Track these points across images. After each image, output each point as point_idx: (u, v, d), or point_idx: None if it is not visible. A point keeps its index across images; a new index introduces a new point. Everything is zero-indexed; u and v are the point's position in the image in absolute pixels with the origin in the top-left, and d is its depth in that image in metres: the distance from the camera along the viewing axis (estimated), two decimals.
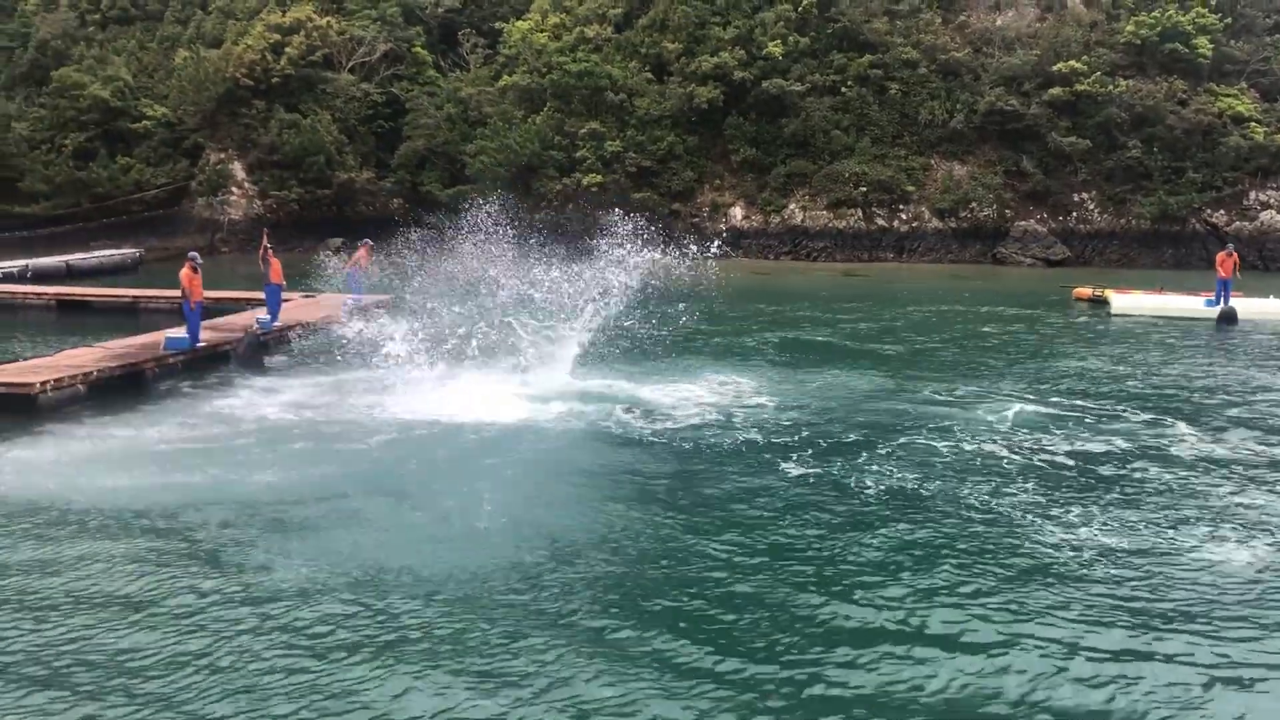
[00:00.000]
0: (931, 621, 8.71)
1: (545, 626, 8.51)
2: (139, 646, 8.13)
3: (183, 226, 47.42)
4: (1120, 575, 9.67)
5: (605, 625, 8.58)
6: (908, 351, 22.34)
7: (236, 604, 8.91)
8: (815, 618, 8.79)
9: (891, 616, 8.81)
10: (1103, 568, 9.83)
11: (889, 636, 8.47)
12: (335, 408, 16.14)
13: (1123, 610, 8.94)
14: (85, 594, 9.11)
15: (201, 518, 11.04)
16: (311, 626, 8.49)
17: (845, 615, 8.83)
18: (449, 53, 52.23)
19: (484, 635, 8.33)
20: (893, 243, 46.03)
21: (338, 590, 9.18)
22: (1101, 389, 18.26)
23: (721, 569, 9.78)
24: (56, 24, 52.02)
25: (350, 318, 19.84)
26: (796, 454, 13.70)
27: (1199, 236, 45.18)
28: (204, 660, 7.91)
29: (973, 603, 9.08)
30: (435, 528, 10.92)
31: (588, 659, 7.98)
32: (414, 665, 7.86)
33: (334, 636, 8.33)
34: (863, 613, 8.88)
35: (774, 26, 47.67)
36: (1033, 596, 9.18)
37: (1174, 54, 46.08)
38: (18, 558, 9.95)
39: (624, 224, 18.55)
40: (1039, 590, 9.32)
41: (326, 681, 7.63)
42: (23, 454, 13.50)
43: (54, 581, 9.39)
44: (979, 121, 46.18)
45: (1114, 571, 9.75)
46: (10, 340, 22.47)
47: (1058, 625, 8.63)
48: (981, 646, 8.30)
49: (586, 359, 18.60)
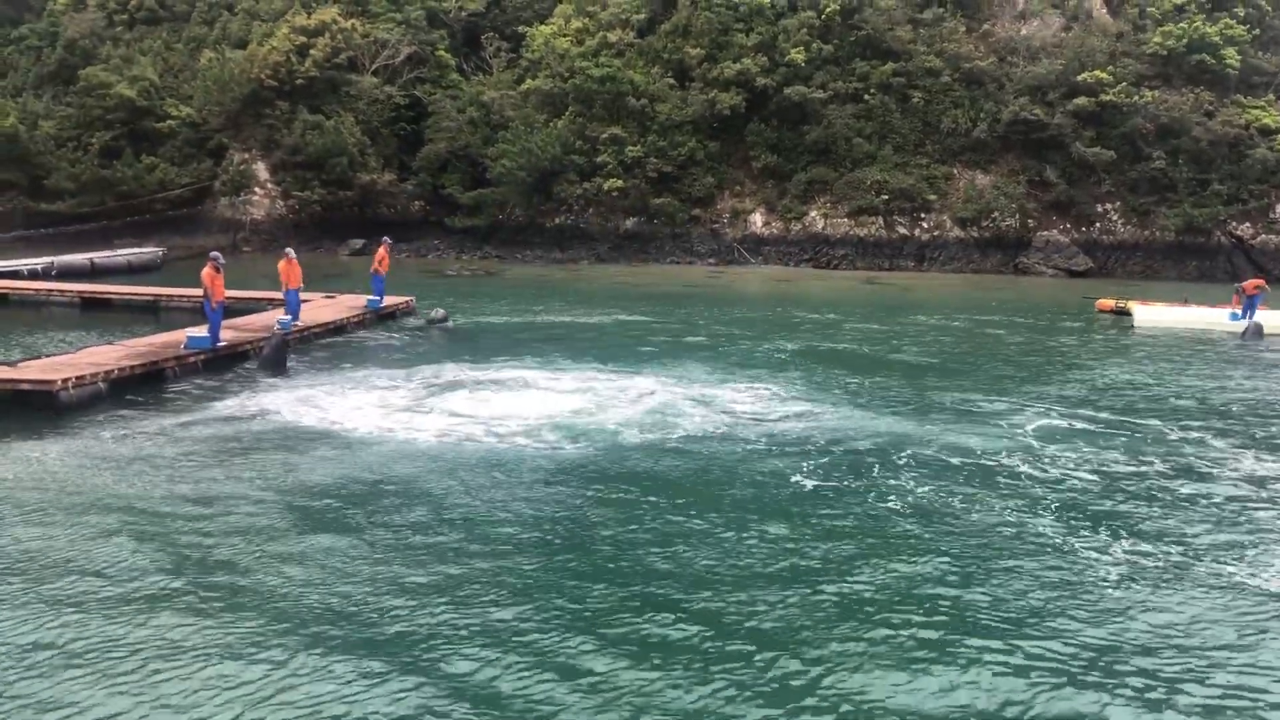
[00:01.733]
0: (949, 636, 8.62)
1: (542, 637, 8.47)
2: (136, 644, 8.14)
3: (205, 226, 47.75)
4: (1149, 598, 9.52)
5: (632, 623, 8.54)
6: (927, 361, 22.23)
7: (234, 606, 8.92)
8: (826, 637, 8.70)
9: (907, 632, 8.72)
10: (1130, 589, 9.70)
11: (904, 651, 8.38)
12: (360, 412, 16.15)
13: (1150, 635, 8.80)
14: (84, 592, 9.13)
15: (210, 521, 11.05)
16: (312, 629, 8.48)
17: (860, 634, 8.74)
18: (472, 56, 52.43)
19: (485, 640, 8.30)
20: (914, 251, 45.87)
21: (350, 595, 9.17)
22: (1125, 402, 18.09)
23: (729, 582, 9.71)
24: (84, 24, 52.49)
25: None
26: (811, 464, 13.61)
27: (1224, 249, 44.86)
28: (194, 662, 7.92)
29: (995, 622, 8.97)
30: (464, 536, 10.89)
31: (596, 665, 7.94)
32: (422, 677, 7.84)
33: (350, 639, 8.32)
34: (877, 630, 8.78)
35: (797, 34, 47.63)
36: (1059, 618, 9.05)
37: (1201, 65, 45.80)
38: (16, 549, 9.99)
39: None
40: (1066, 612, 9.19)
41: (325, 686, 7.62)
42: (37, 451, 13.58)
43: (53, 578, 9.42)
44: (1002, 131, 46.03)
45: (1142, 594, 9.62)
46: (35, 337, 22.63)
47: (1083, 648, 8.52)
48: (1002, 667, 8.20)
49: (597, 361, 18.60)
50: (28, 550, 10.10)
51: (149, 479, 12.34)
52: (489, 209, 47.42)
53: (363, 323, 25.15)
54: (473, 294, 32.86)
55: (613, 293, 34.23)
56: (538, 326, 26.17)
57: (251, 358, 19.92)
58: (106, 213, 46.55)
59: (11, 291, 29.18)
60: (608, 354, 21.60)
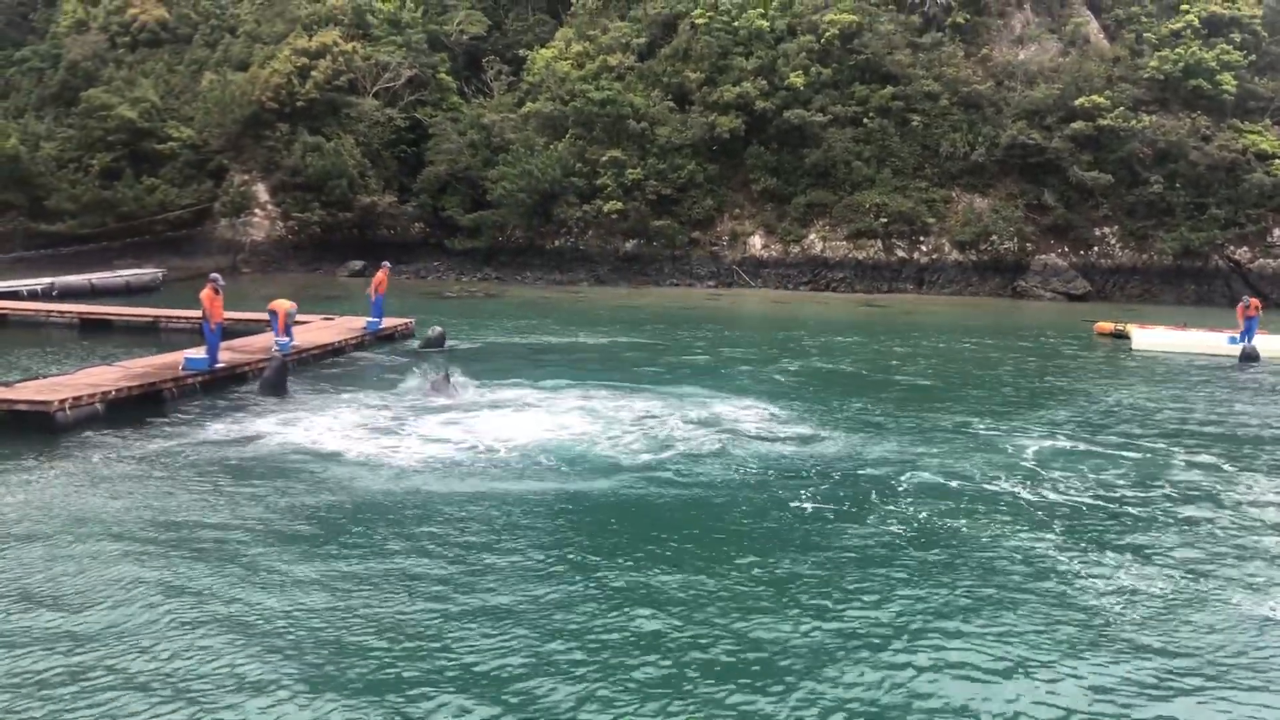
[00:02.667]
0: (950, 659, 8.57)
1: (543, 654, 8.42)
2: (135, 664, 8.10)
3: (205, 247, 47.77)
4: (1147, 622, 9.47)
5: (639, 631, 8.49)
6: (926, 384, 22.22)
7: (228, 627, 8.87)
8: (823, 663, 8.65)
9: (904, 655, 8.67)
10: (1128, 611, 9.65)
11: (903, 675, 8.33)
12: (358, 437, 16.10)
13: (1146, 657, 8.76)
14: (71, 615, 9.08)
15: (199, 546, 11.00)
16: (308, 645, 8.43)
17: (858, 657, 8.69)
18: (473, 79, 52.68)
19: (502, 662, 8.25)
20: (913, 274, 45.94)
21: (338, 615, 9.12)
22: (1124, 425, 18.06)
23: (726, 606, 9.66)
24: (87, 46, 52.72)
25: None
26: (811, 487, 13.57)
27: (1221, 273, 44.95)
28: (187, 677, 7.87)
29: (994, 644, 8.92)
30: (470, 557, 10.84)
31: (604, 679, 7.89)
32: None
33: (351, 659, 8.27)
34: (877, 655, 8.74)
35: (796, 57, 47.88)
36: (1058, 641, 9.01)
37: (1198, 90, 46.02)
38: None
39: None
40: (1065, 636, 9.14)
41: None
42: (30, 474, 13.55)
43: (45, 607, 9.36)
44: (1000, 154, 46.19)
45: (1140, 617, 9.57)
46: (33, 358, 22.60)
47: (1081, 671, 8.47)
48: (1001, 689, 8.15)
49: (597, 383, 18.56)
50: (12, 572, 10.06)
51: (140, 502, 12.30)
52: (489, 231, 47.51)
53: (361, 344, 25.14)
54: (473, 315, 32.87)
55: (612, 314, 34.26)
56: (538, 348, 26.16)
57: (250, 379, 19.88)
58: (107, 234, 46.59)
59: (11, 312, 29.19)
60: (607, 375, 21.58)
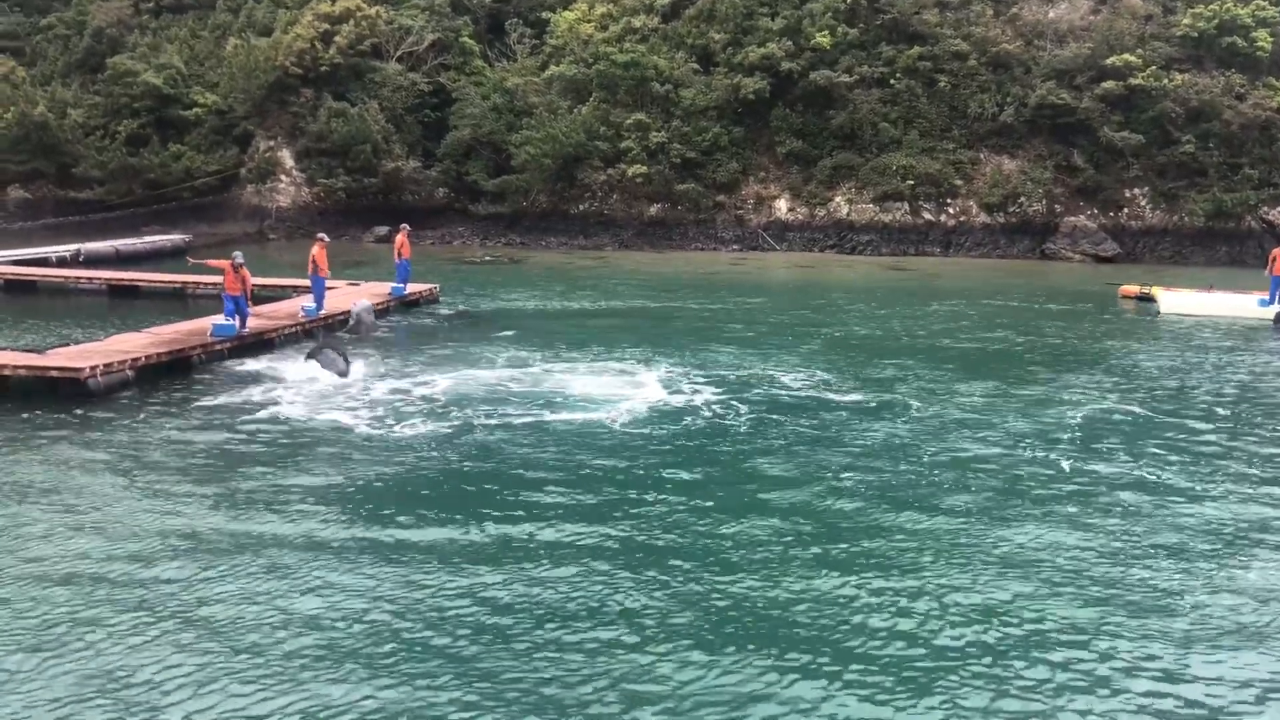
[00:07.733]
0: (981, 631, 8.62)
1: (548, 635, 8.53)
2: (150, 642, 8.26)
3: (231, 213, 48.06)
4: (1191, 596, 9.45)
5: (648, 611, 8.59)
6: (955, 348, 22.09)
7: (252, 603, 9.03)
8: (851, 632, 8.72)
9: (933, 625, 8.72)
10: (1166, 582, 9.64)
11: (931, 647, 8.39)
12: (377, 403, 16.25)
13: (1191, 630, 8.75)
14: (92, 591, 9.26)
15: (229, 515, 11.17)
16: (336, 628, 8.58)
17: (889, 627, 8.75)
18: (496, 42, 52.38)
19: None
20: (939, 237, 45.54)
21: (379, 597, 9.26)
22: (1147, 393, 17.93)
23: (749, 574, 9.73)
24: (112, 12, 52.84)
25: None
26: (844, 455, 13.59)
27: (1255, 234, 44.25)
28: (201, 661, 8.03)
29: (1030, 621, 8.95)
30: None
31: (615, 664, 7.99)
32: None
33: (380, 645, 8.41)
34: (911, 624, 8.79)
35: (822, 17, 47.28)
36: (1093, 614, 9.00)
37: (1232, 48, 45.11)
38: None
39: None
40: (1103, 608, 9.15)
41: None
42: (61, 442, 13.76)
43: (57, 583, 9.55)
44: (1029, 115, 45.52)
45: (1182, 590, 9.56)
46: (63, 324, 22.90)
47: (1120, 647, 8.48)
48: (1036, 665, 8.19)
49: (625, 348, 18.61)
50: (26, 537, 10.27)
51: (170, 471, 12.50)
52: (513, 196, 47.44)
53: (387, 310, 25.28)
54: (497, 281, 32.94)
55: (637, 279, 34.23)
56: (562, 313, 26.22)
57: (277, 345, 20.14)
58: (134, 200, 46.91)
59: (41, 279, 29.53)
60: (633, 340, 21.63)
